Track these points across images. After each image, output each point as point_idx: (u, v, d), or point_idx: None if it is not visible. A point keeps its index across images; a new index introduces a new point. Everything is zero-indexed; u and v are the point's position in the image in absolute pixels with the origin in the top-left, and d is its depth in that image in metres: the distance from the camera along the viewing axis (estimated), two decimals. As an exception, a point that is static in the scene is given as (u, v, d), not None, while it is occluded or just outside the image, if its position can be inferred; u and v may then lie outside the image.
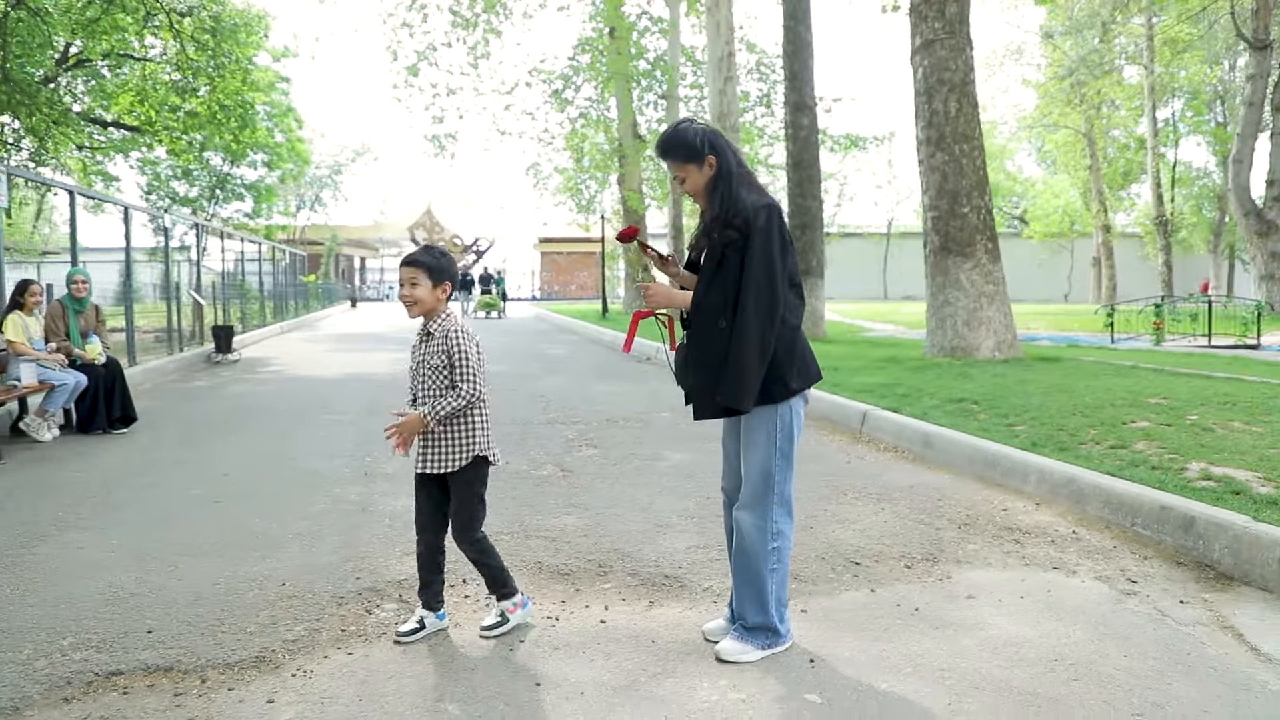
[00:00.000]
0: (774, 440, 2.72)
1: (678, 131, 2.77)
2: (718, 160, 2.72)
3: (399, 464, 5.51)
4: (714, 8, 18.15)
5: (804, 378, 2.74)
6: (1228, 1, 21.43)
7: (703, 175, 2.74)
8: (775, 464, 2.73)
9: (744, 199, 2.65)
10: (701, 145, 2.71)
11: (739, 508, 2.81)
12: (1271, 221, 20.35)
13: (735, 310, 2.61)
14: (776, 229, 2.63)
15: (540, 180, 29.61)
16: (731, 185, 2.69)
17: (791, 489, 2.81)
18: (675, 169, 2.77)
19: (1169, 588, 3.39)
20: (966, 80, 9.62)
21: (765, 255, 2.59)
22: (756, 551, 2.75)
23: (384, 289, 60.38)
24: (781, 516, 2.78)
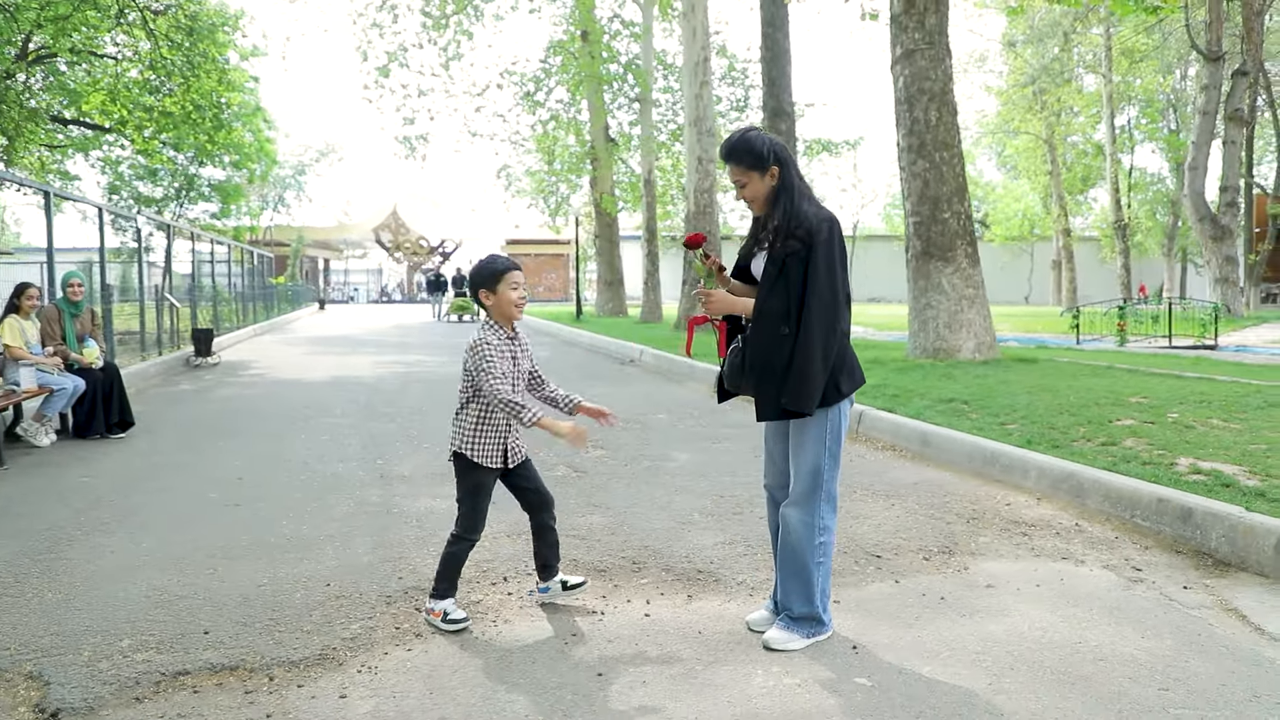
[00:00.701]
0: (824, 441, 2.87)
1: (746, 138, 2.87)
2: (781, 172, 2.85)
3: (413, 466, 5.59)
4: (690, 12, 18.36)
5: (852, 382, 2.90)
6: (1183, 14, 22.13)
7: (764, 184, 2.86)
8: (825, 463, 2.88)
9: (807, 211, 2.79)
10: (767, 155, 2.83)
11: (788, 504, 2.95)
12: (1225, 226, 21.05)
13: (799, 318, 2.75)
14: (837, 242, 2.78)
15: (511, 182, 29.63)
16: (794, 198, 2.83)
17: (837, 486, 2.96)
18: (737, 174, 2.88)
19: (1172, 574, 3.60)
20: (946, 90, 9.89)
21: (829, 268, 2.74)
22: (804, 546, 2.90)
23: (349, 290, 59.80)
24: (828, 513, 2.93)
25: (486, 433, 3.18)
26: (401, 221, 54.75)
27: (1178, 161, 34.66)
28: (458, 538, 3.19)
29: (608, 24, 26.07)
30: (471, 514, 3.20)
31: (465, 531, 3.19)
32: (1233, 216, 21.52)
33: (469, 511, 3.21)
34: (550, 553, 3.33)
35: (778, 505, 3.08)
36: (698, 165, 18.30)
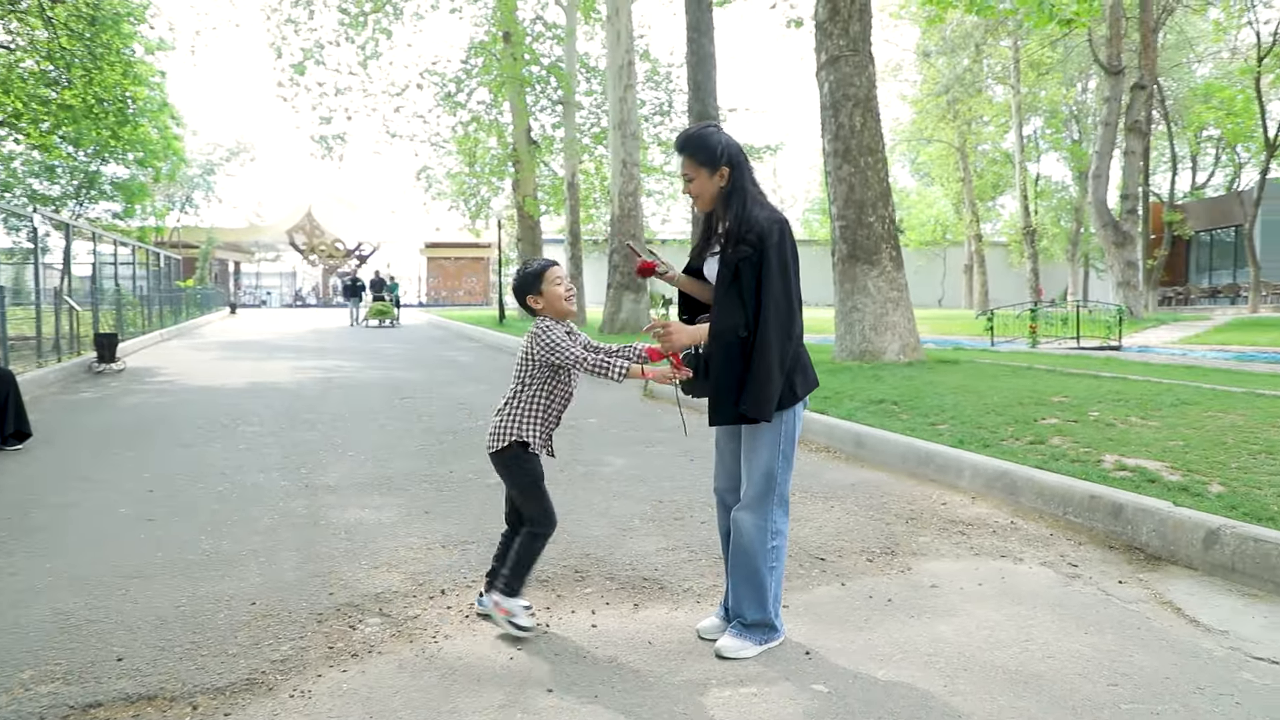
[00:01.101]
0: (778, 444, 2.82)
1: (703, 133, 2.82)
2: (732, 174, 2.80)
3: (339, 475, 5.36)
4: (614, 16, 18.34)
5: (806, 384, 2.85)
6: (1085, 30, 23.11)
7: (712, 184, 2.81)
8: (778, 465, 2.83)
9: (758, 216, 2.74)
10: (720, 155, 2.78)
11: (740, 508, 2.89)
12: (1127, 233, 22.05)
13: (755, 323, 2.69)
14: (789, 245, 2.73)
15: (431, 184, 29.09)
16: (746, 202, 2.77)
17: (789, 489, 2.91)
18: (687, 168, 2.83)
19: (1106, 569, 3.68)
20: (870, 96, 10.06)
21: (782, 272, 2.70)
22: (756, 550, 2.84)
23: (262, 294, 57.90)
24: (780, 516, 2.88)
25: (546, 421, 3.10)
26: (317, 223, 53.29)
27: (1080, 170, 36.25)
28: (536, 535, 3.09)
29: (530, 26, 25.86)
30: (542, 505, 3.13)
31: (543, 526, 3.11)
32: (1133, 223, 22.57)
33: (539, 502, 3.12)
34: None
35: (728, 509, 3.01)
36: (622, 168, 18.28)
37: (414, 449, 6.28)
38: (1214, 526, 3.57)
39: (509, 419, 3.07)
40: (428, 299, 56.00)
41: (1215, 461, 4.70)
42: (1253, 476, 4.38)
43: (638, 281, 18.23)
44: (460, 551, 3.90)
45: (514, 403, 3.08)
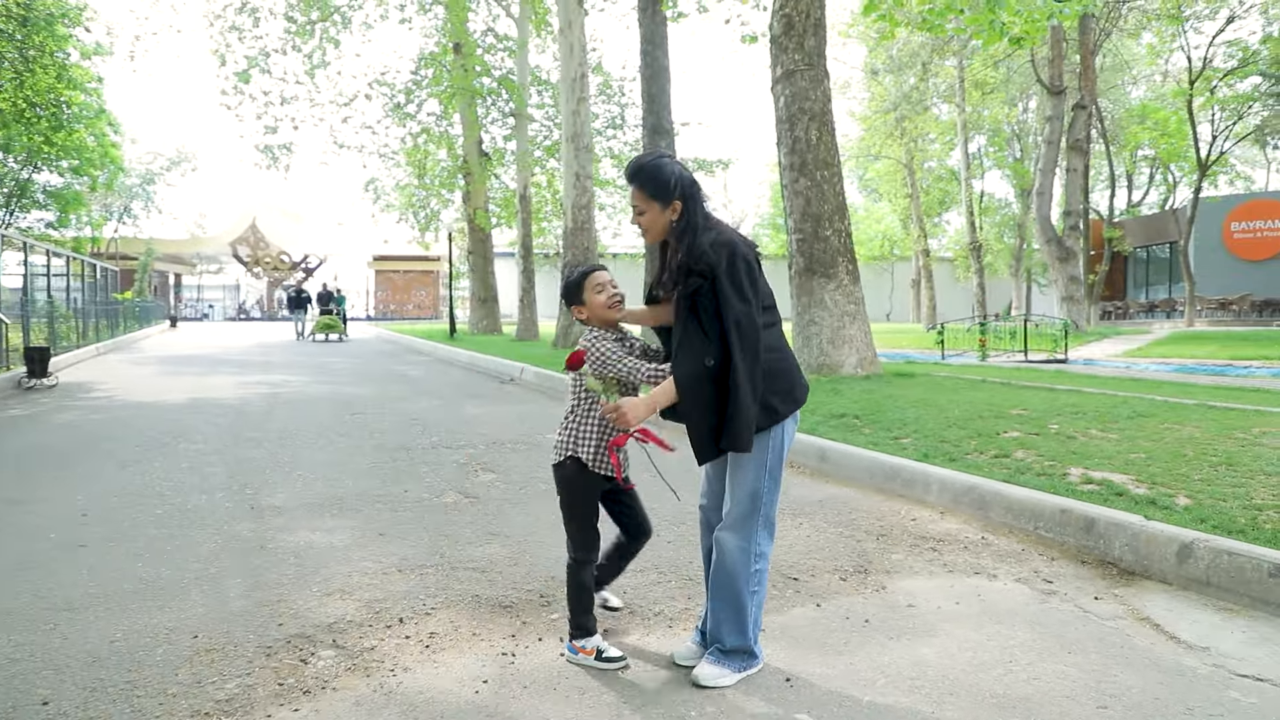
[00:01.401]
0: (764, 464, 2.71)
1: (657, 164, 2.72)
2: (684, 207, 2.70)
3: (287, 496, 5.11)
4: (567, 29, 18.24)
5: (791, 400, 2.73)
6: (1028, 50, 23.67)
7: (663, 217, 2.72)
8: (764, 485, 2.72)
9: (704, 244, 2.64)
10: (674, 187, 2.68)
11: (722, 528, 2.76)
12: (1070, 248, 22.58)
13: (722, 350, 2.59)
14: (740, 264, 2.60)
15: (380, 196, 28.64)
16: (696, 235, 2.67)
17: (776, 511, 2.80)
18: (639, 199, 2.73)
19: (1081, 585, 3.63)
20: (825, 110, 10.09)
21: (737, 292, 2.58)
22: (738, 573, 2.72)
23: (204, 307, 56.48)
24: (765, 539, 2.76)
25: (602, 436, 2.92)
26: (261, 235, 52.21)
27: (1022, 188, 37.11)
28: (578, 562, 2.93)
29: (481, 37, 25.67)
30: (583, 530, 2.97)
31: (582, 551, 2.94)
32: (1076, 239, 23.12)
33: (582, 527, 2.96)
34: (612, 571, 3.20)
35: (712, 529, 2.89)
36: (575, 181, 18.15)
37: (366, 467, 6.05)
38: (1187, 540, 3.55)
39: (566, 433, 2.95)
40: (376, 312, 55.15)
41: (1178, 474, 4.71)
42: (1216, 489, 4.39)
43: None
44: (418, 576, 3.70)
45: (570, 417, 2.97)
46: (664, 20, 14.59)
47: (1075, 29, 23.14)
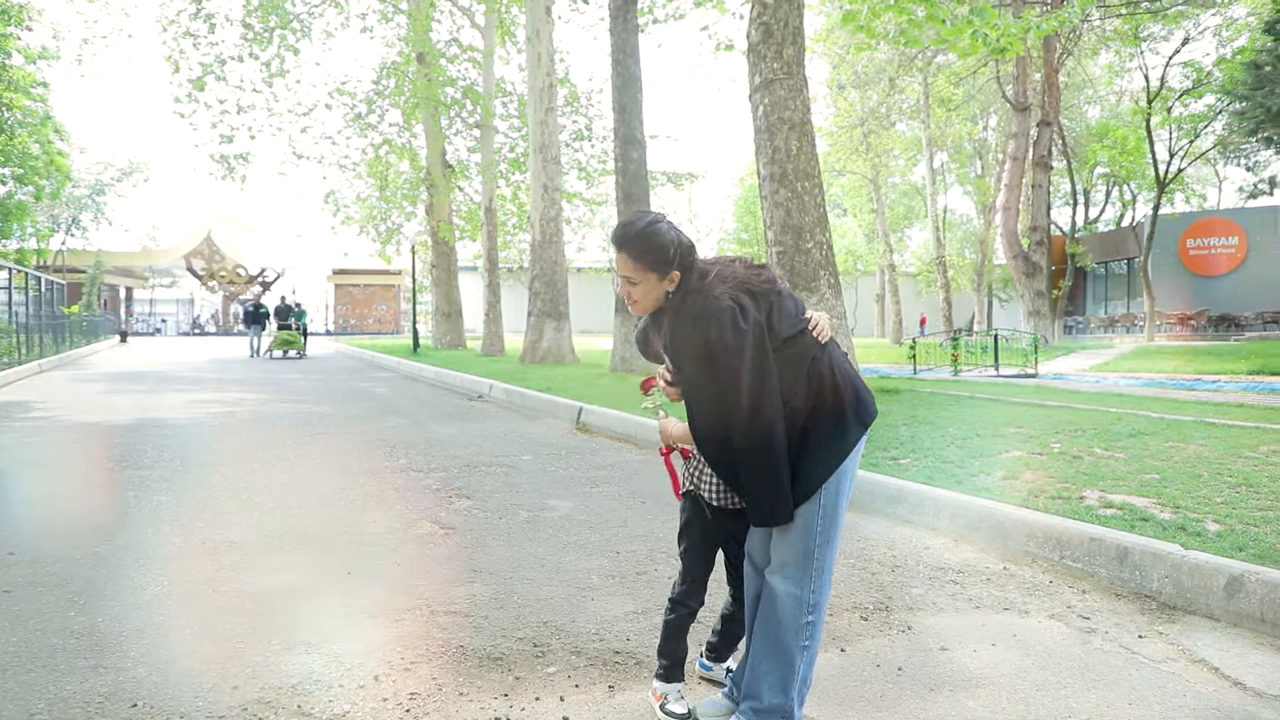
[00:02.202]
0: (814, 526, 2.37)
1: (655, 230, 2.37)
2: (682, 279, 2.39)
3: (245, 529, 4.65)
4: (535, 38, 17.94)
5: (840, 449, 2.38)
6: (992, 67, 23.88)
7: (659, 289, 2.40)
8: (816, 544, 2.38)
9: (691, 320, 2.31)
10: (673, 258, 2.36)
11: (772, 572, 2.42)
12: (1036, 263, 22.69)
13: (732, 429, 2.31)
14: (729, 332, 2.24)
15: (340, 209, 28.01)
16: (682, 309, 2.36)
17: (834, 558, 2.46)
18: (631, 269, 2.38)
19: (1120, 622, 3.34)
20: (805, 120, 9.87)
21: (731, 370, 2.23)
22: (787, 623, 2.37)
23: (156, 321, 55.01)
24: (821, 588, 2.41)
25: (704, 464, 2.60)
26: (217, 248, 51.01)
27: (984, 204, 37.53)
28: (672, 603, 2.62)
29: (445, 47, 25.26)
30: (686, 564, 2.64)
31: (680, 591, 2.62)
32: (1042, 254, 23.26)
33: (686, 565, 2.64)
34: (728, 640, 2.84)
35: (758, 570, 2.54)
36: (543, 193, 17.80)
37: (330, 495, 5.60)
38: (1236, 573, 3.27)
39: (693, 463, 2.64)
40: (335, 327, 54.11)
41: (1199, 496, 4.47)
42: (1243, 513, 4.14)
43: (559, 309, 17.71)
44: (393, 623, 3.30)
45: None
46: (635, 29, 14.34)
47: (1039, 47, 23.37)
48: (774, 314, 2.34)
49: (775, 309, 2.34)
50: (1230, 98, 19.71)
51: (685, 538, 2.64)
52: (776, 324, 2.33)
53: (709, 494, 2.57)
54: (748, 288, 2.33)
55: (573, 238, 30.91)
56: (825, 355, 2.44)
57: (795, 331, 2.38)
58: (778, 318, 2.34)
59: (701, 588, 2.64)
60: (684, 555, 2.65)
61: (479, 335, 28.98)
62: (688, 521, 2.64)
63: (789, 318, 2.38)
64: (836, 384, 2.42)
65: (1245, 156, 19.88)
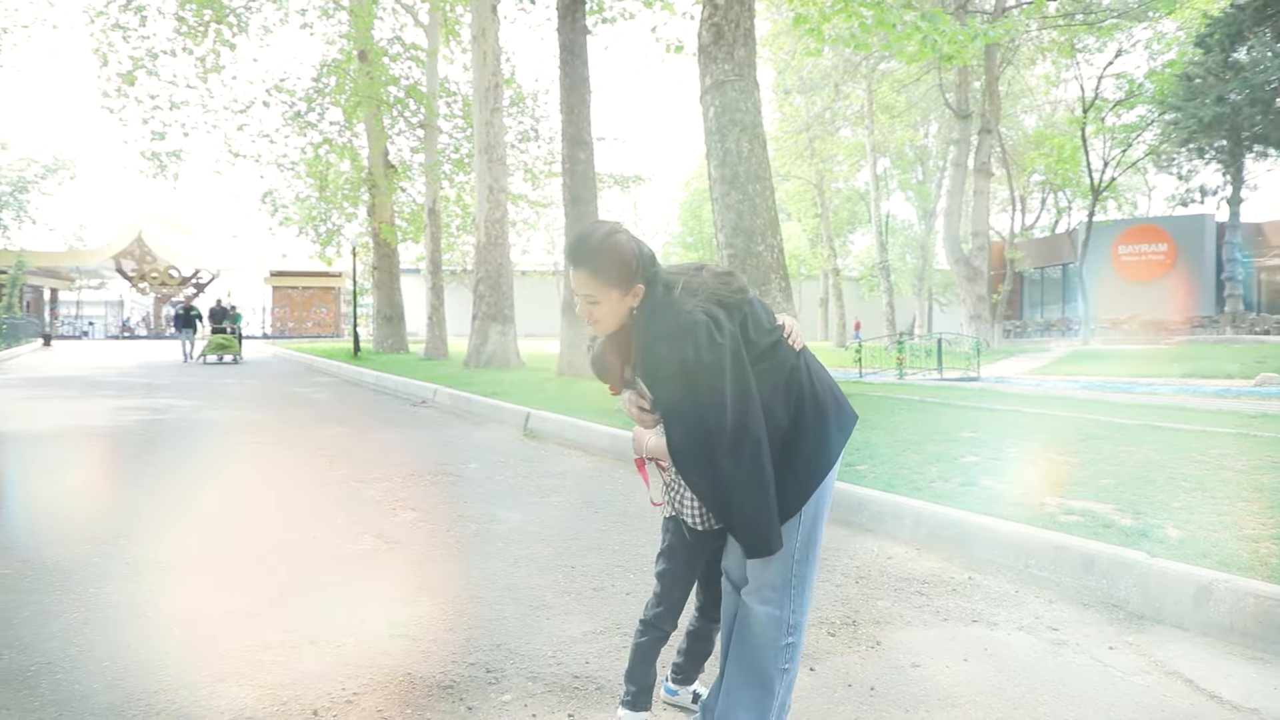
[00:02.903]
0: (793, 544, 2.23)
1: (613, 241, 2.15)
2: (647, 293, 2.17)
3: (173, 546, 4.35)
4: (480, 36, 17.64)
5: (821, 464, 2.24)
6: (935, 75, 24.26)
7: (622, 305, 2.17)
8: (796, 561, 2.24)
9: (662, 340, 2.10)
10: (637, 270, 2.14)
11: (748, 591, 2.27)
12: (977, 268, 23.09)
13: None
14: (705, 352, 2.05)
15: (278, 209, 27.23)
16: (650, 326, 2.13)
17: (814, 576, 2.31)
18: (591, 286, 2.16)
19: (1090, 633, 3.27)
20: (756, 122, 9.81)
21: (712, 388, 2.06)
22: (766, 646, 2.22)
23: (83, 324, 53.00)
24: (801, 608, 2.27)
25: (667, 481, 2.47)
26: (148, 248, 49.33)
27: (925, 209, 38.20)
28: (641, 625, 2.48)
29: (388, 45, 24.75)
30: (666, 590, 2.47)
31: (655, 617, 2.45)
32: (983, 259, 23.68)
33: (665, 587, 2.47)
34: (694, 661, 2.67)
35: (736, 589, 2.39)
36: (489, 194, 17.51)
37: (265, 508, 5.31)
38: (1205, 582, 3.23)
39: (673, 485, 2.47)
40: (273, 330, 52.76)
41: (1156, 501, 4.46)
42: (1200, 518, 4.13)
43: (505, 312, 17.43)
44: (334, 650, 3.07)
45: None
46: (584, 30, 14.17)
47: (980, 55, 23.82)
48: (748, 325, 2.18)
49: (749, 319, 2.19)
50: (1163, 107, 20.32)
51: (667, 559, 2.47)
52: (753, 334, 2.18)
53: (690, 518, 2.41)
54: (719, 299, 2.17)
55: (518, 240, 30.64)
56: (802, 363, 2.30)
57: (771, 341, 2.23)
58: (753, 328, 2.19)
59: (678, 611, 2.49)
60: (662, 577, 2.47)
61: (422, 339, 28.50)
62: (670, 545, 2.47)
63: (764, 328, 2.23)
64: (816, 392, 2.28)
65: (1178, 166, 20.51)
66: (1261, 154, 16.37)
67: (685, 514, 2.41)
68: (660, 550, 2.50)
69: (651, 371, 2.14)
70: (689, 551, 2.44)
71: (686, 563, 2.46)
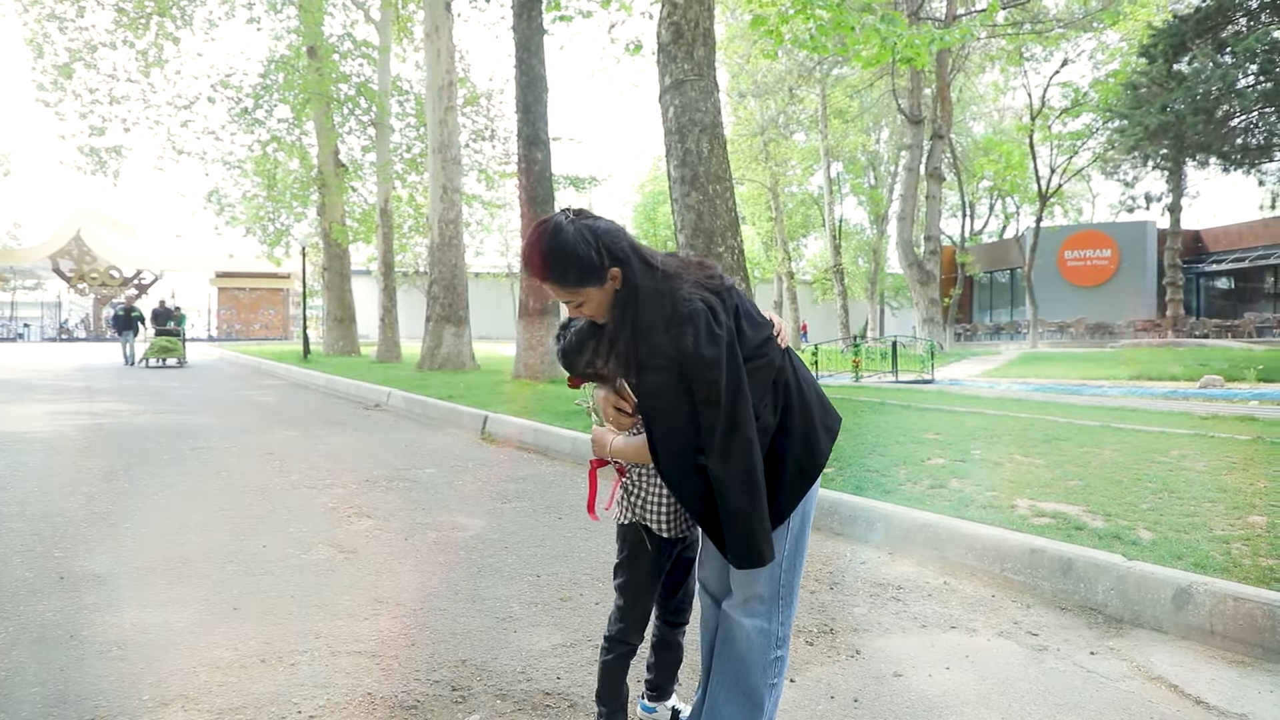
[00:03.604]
0: (779, 558, 2.11)
1: (562, 242, 1.95)
2: (624, 272, 1.99)
3: (111, 559, 4.09)
4: (434, 34, 17.36)
5: (801, 484, 2.12)
6: (887, 81, 24.52)
7: (606, 294, 2.01)
8: (783, 570, 2.13)
9: (658, 326, 1.93)
10: (601, 260, 1.96)
11: (733, 604, 2.15)
12: (930, 272, 23.37)
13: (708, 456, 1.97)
14: (706, 336, 1.91)
15: (224, 208, 26.53)
16: (640, 311, 1.96)
17: (798, 584, 2.20)
18: (566, 293, 2.01)
19: (1070, 638, 3.22)
20: (716, 122, 9.73)
21: (710, 384, 1.92)
22: (754, 660, 2.11)
23: (17, 327, 51.18)
24: (789, 618, 2.16)
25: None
26: (87, 248, 47.78)
27: (877, 214, 38.65)
28: (611, 640, 2.33)
29: (338, 42, 24.26)
30: (629, 604, 2.33)
31: (619, 632, 2.31)
32: (935, 263, 23.99)
33: (628, 600, 2.33)
34: (667, 672, 2.51)
35: (716, 602, 2.27)
36: (443, 194, 17.24)
37: (212, 517, 5.06)
38: (1184, 584, 3.19)
39: (633, 488, 2.34)
40: (219, 333, 51.49)
41: (1125, 503, 4.45)
42: (1170, 519, 4.12)
43: (459, 314, 17.16)
44: (288, 669, 2.88)
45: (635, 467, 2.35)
46: (540, 27, 13.98)
47: (932, 62, 24.14)
48: (740, 317, 2.06)
49: (741, 312, 2.06)
50: (1110, 114, 20.79)
51: (626, 571, 2.33)
52: (746, 329, 2.04)
53: (657, 524, 2.27)
54: (709, 287, 2.04)
55: (471, 242, 30.25)
56: (788, 362, 2.18)
57: (763, 337, 2.08)
58: (747, 323, 2.06)
59: (644, 624, 2.36)
60: (623, 589, 2.34)
61: (373, 341, 28.01)
62: (630, 555, 2.32)
63: (756, 321, 2.10)
64: (804, 393, 2.16)
65: (1124, 172, 21.03)
66: (1203, 162, 16.78)
67: (650, 519, 2.27)
68: (619, 560, 2.35)
69: (641, 361, 1.95)
70: (652, 560, 2.30)
71: (650, 573, 2.32)
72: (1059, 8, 27.55)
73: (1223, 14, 16.10)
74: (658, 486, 2.25)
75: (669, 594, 2.44)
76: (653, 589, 2.35)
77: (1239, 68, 15.38)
